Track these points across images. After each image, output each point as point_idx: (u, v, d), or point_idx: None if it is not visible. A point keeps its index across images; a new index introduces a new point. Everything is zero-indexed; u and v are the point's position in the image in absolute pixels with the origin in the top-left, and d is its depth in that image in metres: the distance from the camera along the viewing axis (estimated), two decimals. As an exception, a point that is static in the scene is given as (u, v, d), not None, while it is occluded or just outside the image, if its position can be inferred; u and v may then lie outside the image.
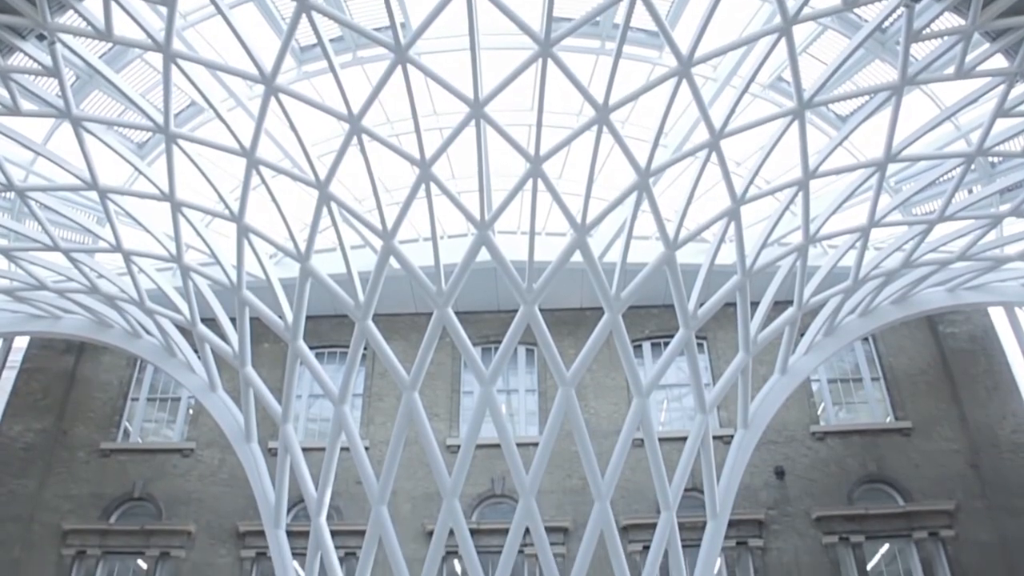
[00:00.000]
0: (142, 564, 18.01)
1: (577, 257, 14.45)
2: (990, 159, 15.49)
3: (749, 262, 14.96)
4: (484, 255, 14.52)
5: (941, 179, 15.84)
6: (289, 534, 15.60)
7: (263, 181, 14.27)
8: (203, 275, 15.88)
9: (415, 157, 13.39)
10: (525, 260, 14.47)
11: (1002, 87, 12.86)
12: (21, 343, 21.31)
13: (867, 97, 13.83)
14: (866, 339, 19.39)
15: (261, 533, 16.13)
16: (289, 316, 15.38)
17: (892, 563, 17.39)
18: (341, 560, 15.50)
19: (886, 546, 17.45)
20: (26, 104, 13.29)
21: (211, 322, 16.59)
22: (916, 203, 16.74)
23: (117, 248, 15.62)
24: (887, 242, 17.09)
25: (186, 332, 17.29)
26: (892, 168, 15.31)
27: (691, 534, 15.50)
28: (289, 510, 16.47)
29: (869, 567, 17.10)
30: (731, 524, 15.58)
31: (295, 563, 15.51)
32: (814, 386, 19.15)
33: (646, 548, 15.41)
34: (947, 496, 17.48)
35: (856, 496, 17.67)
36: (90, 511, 18.50)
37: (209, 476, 18.56)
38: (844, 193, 15.41)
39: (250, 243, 14.89)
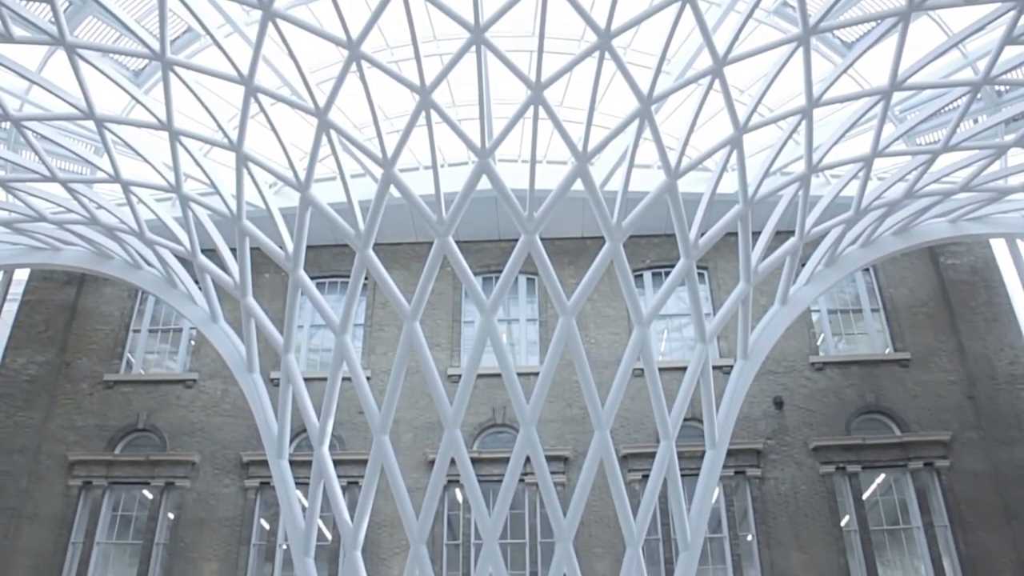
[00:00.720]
0: (148, 494, 18.27)
1: (578, 186, 14.34)
2: (997, 88, 15.25)
3: (751, 191, 14.86)
4: (485, 183, 14.41)
5: (946, 108, 15.63)
6: (292, 464, 15.77)
7: (262, 109, 14.07)
8: (203, 205, 15.78)
9: (415, 84, 13.19)
10: (526, 188, 14.34)
11: (1011, 14, 12.60)
12: (21, 276, 21.29)
13: (873, 23, 13.56)
14: (867, 270, 19.38)
15: (264, 463, 16.32)
16: (289, 246, 15.33)
17: (887, 493, 17.63)
18: (343, 489, 15.73)
19: (882, 476, 17.68)
20: (18, 31, 13.02)
21: (211, 252, 16.55)
22: (920, 133, 16.55)
23: (116, 178, 15.50)
24: (890, 172, 16.97)
25: (186, 263, 17.27)
26: (897, 97, 15.12)
27: (690, 463, 15.69)
28: (292, 440, 16.67)
29: (865, 496, 17.34)
30: (730, 454, 15.76)
31: (298, 492, 15.71)
32: (814, 317, 19.20)
33: (645, 477, 15.60)
34: (943, 427, 17.65)
35: (853, 426, 17.85)
36: (95, 442, 18.71)
37: (212, 407, 18.73)
38: (848, 122, 15.23)
39: (249, 172, 14.76)
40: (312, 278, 16.11)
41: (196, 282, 17.57)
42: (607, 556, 16.26)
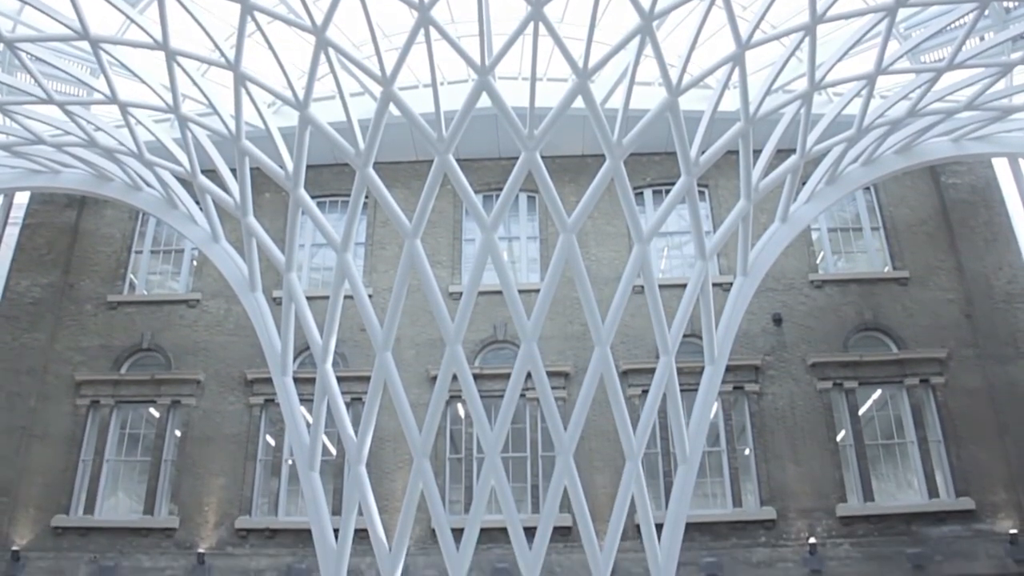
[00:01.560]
0: (154, 412, 18.56)
1: (579, 103, 14.18)
2: (1004, 4, 15.01)
3: (753, 109, 14.72)
4: (485, 101, 14.26)
5: (952, 26, 15.41)
6: (296, 381, 15.92)
7: (259, 28, 13.86)
8: (201, 125, 15.66)
9: (414, 0, 12.96)
10: (526, 106, 14.20)
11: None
12: (22, 199, 21.26)
13: (880, -65, 13.27)
14: (868, 189, 19.34)
15: (268, 380, 16.49)
16: (289, 165, 15.24)
17: (883, 408, 17.91)
18: (347, 405, 15.95)
19: (878, 392, 17.94)
20: (7, -52, 12.77)
21: (211, 173, 16.47)
22: (925, 50, 16.34)
23: (113, 99, 15.34)
24: (893, 91, 16.77)
25: (187, 183, 17.21)
26: (903, 13, 14.89)
27: (689, 379, 15.85)
28: (295, 358, 16.85)
29: (861, 412, 17.64)
30: (728, 369, 15.92)
31: (302, 409, 15.92)
32: (814, 235, 19.23)
33: (645, 392, 15.79)
34: (939, 344, 17.84)
35: (851, 343, 18.04)
36: (101, 362, 18.92)
37: (216, 326, 18.89)
38: (851, 39, 15.00)
39: (248, 92, 14.60)
40: (312, 197, 16.04)
41: (196, 203, 17.55)
42: (607, 469, 16.60)
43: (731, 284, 16.57)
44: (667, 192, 17.19)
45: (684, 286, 15.65)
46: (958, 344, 17.84)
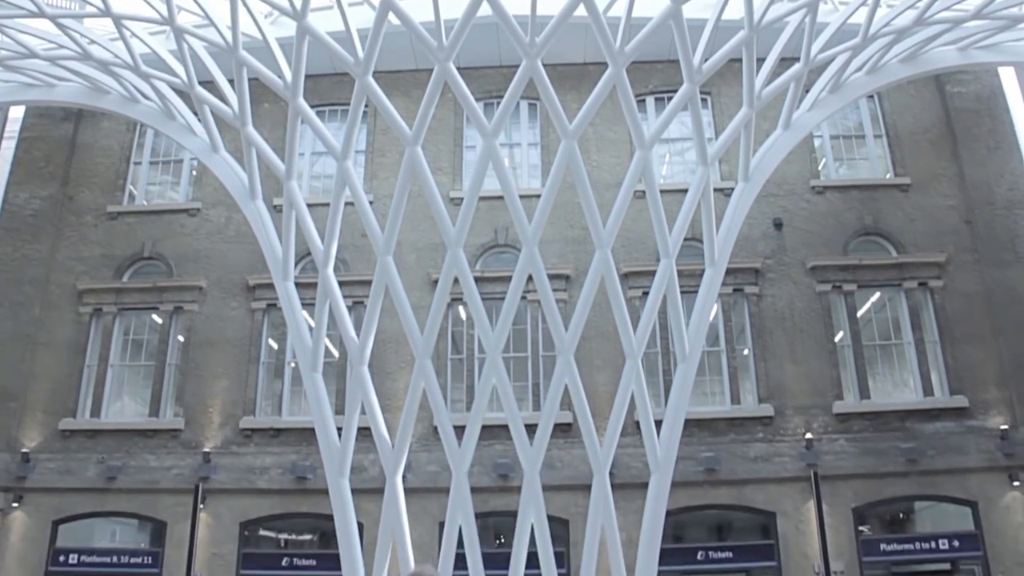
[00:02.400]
0: (157, 319, 18.73)
1: (581, 10, 13.94)
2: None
3: (757, 17, 14.47)
4: (486, 9, 14.00)
5: (961, -68, 15.12)
6: (297, 286, 15.97)
7: (254, -66, 13.60)
8: (198, 37, 15.44)
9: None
10: (527, 14, 13.96)
11: None
12: (18, 112, 21.13)
13: None
14: (871, 96, 19.18)
15: (270, 285, 16.60)
16: (288, 75, 15.07)
17: (881, 311, 18.10)
18: (349, 309, 16.05)
19: (877, 294, 18.12)
20: None
21: (209, 84, 16.28)
22: (932, -43, 16.04)
23: (106, 12, 15.10)
24: (900, -1, 16.54)
25: (184, 95, 17.04)
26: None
27: (689, 281, 15.94)
28: (296, 263, 16.86)
29: (859, 314, 17.82)
30: (728, 272, 16.00)
31: (304, 313, 16.04)
32: (816, 142, 19.17)
33: (645, 294, 15.91)
34: (939, 249, 17.95)
35: (851, 248, 18.13)
36: (103, 271, 19.02)
37: (216, 234, 18.94)
38: (859, -56, 14.74)
39: (244, 3, 14.41)
40: (312, 107, 15.90)
41: (195, 113, 17.40)
42: (607, 368, 16.82)
43: (732, 190, 16.56)
44: (669, 100, 17.02)
45: (685, 191, 15.63)
46: (957, 249, 17.95)
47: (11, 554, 17.36)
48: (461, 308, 17.75)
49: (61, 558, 17.40)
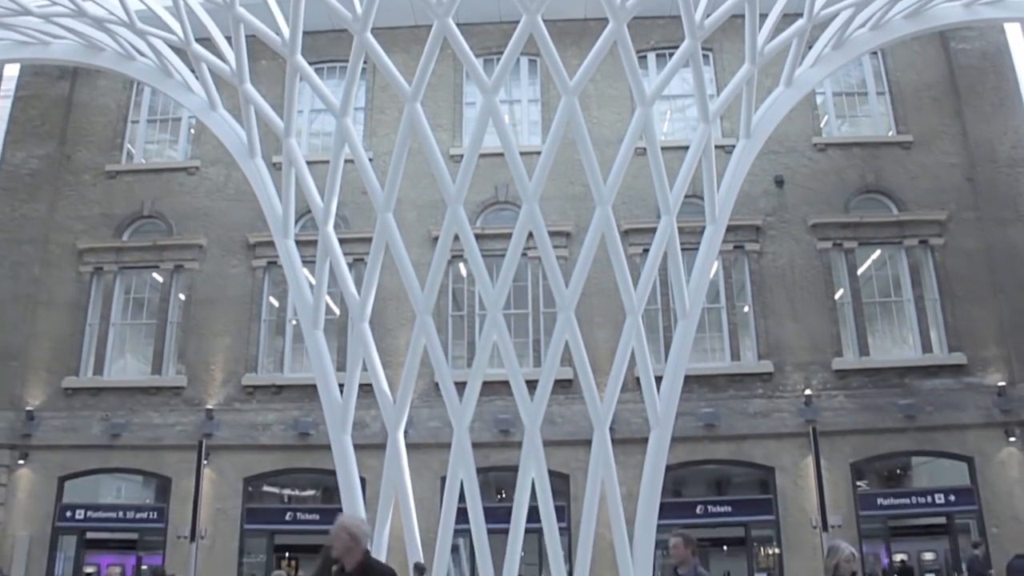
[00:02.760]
0: (158, 277, 18.75)
1: (581, -35, 13.82)
2: None
3: (759, -28, 14.34)
4: (485, -37, 13.88)
5: None
6: (298, 244, 15.94)
7: None
8: (193, -7, 15.30)
9: None
10: (528, -30, 13.83)
11: None
12: (12, 71, 20.91)
13: None
14: (874, 53, 18.97)
15: (270, 243, 16.56)
16: (286, 32, 14.92)
17: (882, 268, 18.12)
18: (349, 266, 16.00)
19: (877, 252, 18.13)
20: None
21: (206, 41, 16.12)
22: (939, -89, 15.83)
23: (101, -32, 14.93)
24: (905, -46, 16.34)
25: (181, 52, 16.86)
26: None
27: (690, 238, 15.90)
28: (296, 221, 16.79)
29: (859, 271, 17.84)
30: (729, 229, 15.96)
31: (305, 270, 16.04)
32: (818, 99, 19.05)
33: (646, 251, 15.91)
34: (940, 206, 17.92)
35: (852, 205, 18.10)
36: (102, 230, 19.00)
37: (216, 192, 18.89)
38: None
39: (241, -43, 14.23)
40: (310, 63, 15.74)
41: (192, 71, 17.25)
42: (607, 324, 16.86)
43: (733, 147, 16.47)
44: (671, 56, 16.86)
45: (686, 148, 15.56)
46: (959, 207, 17.92)
47: (18, 510, 17.56)
48: (461, 265, 17.75)
49: (68, 514, 17.61)
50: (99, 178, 19.39)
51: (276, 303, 18.29)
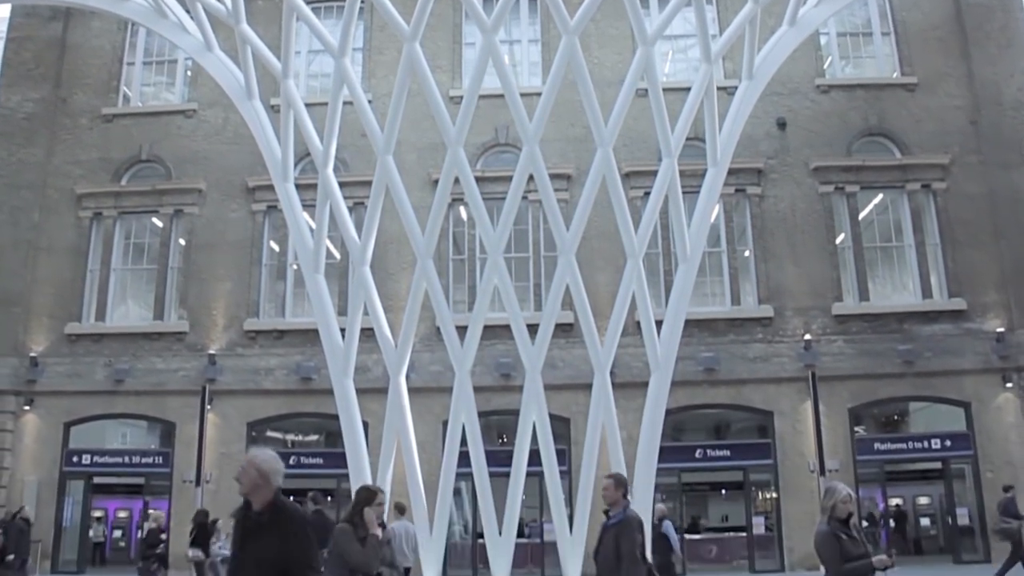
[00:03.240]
0: (157, 222, 18.70)
1: (582, -99, 13.52)
2: None
3: (764, -93, 14.03)
4: (482, -98, 13.57)
5: None
6: (297, 187, 15.79)
7: None
8: (188, -70, 14.96)
9: None
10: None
11: None
12: (3, 12, 20.64)
13: None
14: (880, -8, 18.75)
15: (270, 187, 16.40)
16: (281, -31, 14.67)
17: (883, 213, 18.04)
18: (349, 209, 15.89)
19: (879, 196, 18.03)
20: None
21: (200, -20, 15.85)
22: None
23: (88, -101, 14.59)
24: None
25: (175, -9, 16.61)
26: None
27: (691, 181, 15.82)
28: (296, 164, 16.70)
29: (861, 216, 17.76)
30: (730, 172, 15.80)
31: (305, 214, 15.95)
32: (822, 39, 18.80)
33: (647, 194, 15.85)
34: (943, 150, 17.78)
35: (855, 148, 17.97)
36: (100, 175, 18.90)
37: (214, 135, 18.74)
38: None
39: None
40: (307, 3, 15.55)
41: (187, 11, 16.94)
42: (608, 268, 16.85)
43: (735, 88, 16.22)
44: (673, -5, 16.63)
45: (688, 90, 15.33)
46: (962, 150, 17.78)
47: (26, 456, 17.74)
48: (462, 208, 17.67)
49: (74, 459, 17.79)
50: (96, 122, 19.21)
51: (276, 247, 18.26)
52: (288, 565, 3.47)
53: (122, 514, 19.22)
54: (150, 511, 16.23)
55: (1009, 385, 16.78)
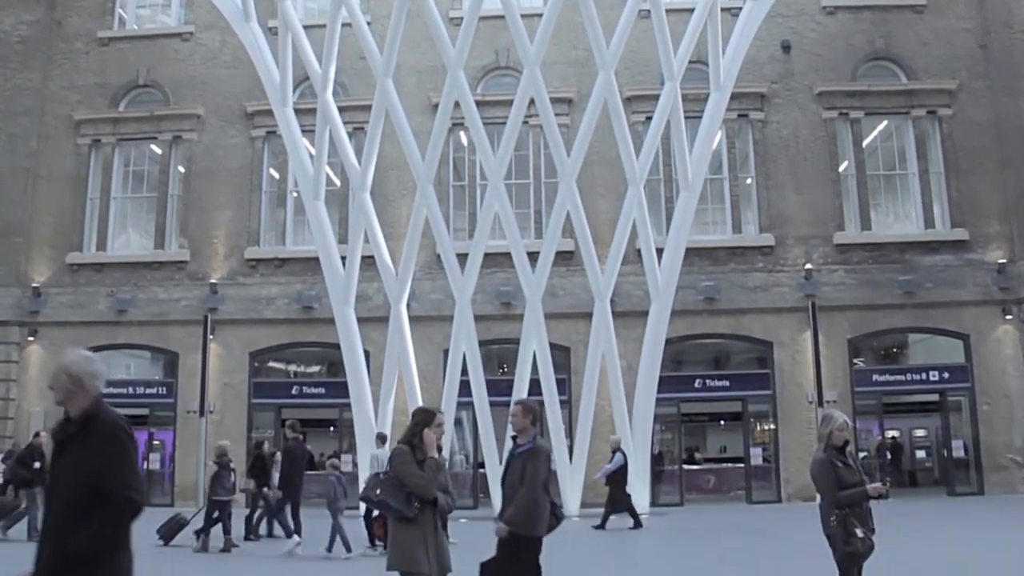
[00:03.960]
0: (156, 149, 18.55)
1: None
2: None
3: None
4: None
5: None
6: (297, 112, 15.75)
7: None
8: None
9: None
10: None
11: None
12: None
13: None
14: (890, -90, 18.23)
15: (269, 112, 16.31)
16: None
17: (887, 140, 17.85)
18: (349, 135, 15.85)
19: (884, 123, 17.81)
20: None
21: (192, -102, 15.54)
22: None
23: None
24: None
25: (167, -91, 16.28)
26: None
27: (694, 106, 15.60)
28: (295, 88, 16.49)
29: (865, 143, 17.56)
30: (733, 97, 15.68)
31: (304, 140, 15.86)
32: (828, -40, 18.35)
33: (649, 119, 15.68)
34: (951, 75, 17.49)
35: (860, 73, 17.68)
36: (98, 100, 18.70)
37: (212, 59, 18.49)
38: None
39: None
40: (303, -77, 15.25)
41: (181, -69, 16.68)
42: (609, 195, 16.72)
43: (739, 10, 15.97)
44: (677, -87, 16.29)
45: (691, 11, 15.12)
46: (970, 75, 17.48)
47: (31, 386, 17.81)
48: (462, 133, 17.44)
49: (78, 389, 17.81)
50: (91, 45, 18.93)
51: (276, 174, 18.13)
52: (101, 480, 2.99)
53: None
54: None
55: (1009, 317, 16.72)
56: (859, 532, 4.80)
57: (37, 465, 11.39)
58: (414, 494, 4.41)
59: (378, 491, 4.42)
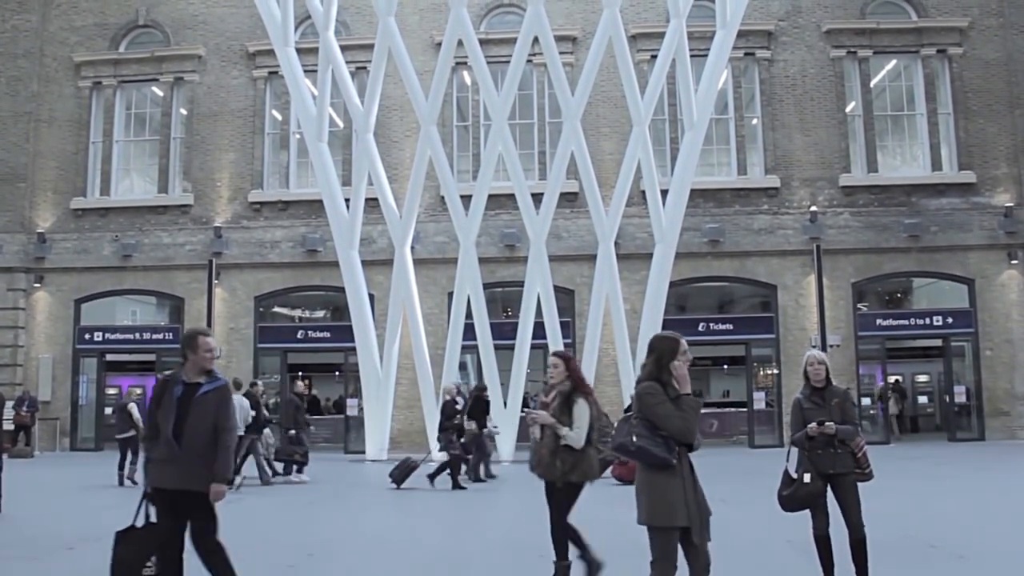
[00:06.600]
0: (158, 91, 18.41)
1: None
2: None
3: None
4: None
5: None
6: (299, 52, 15.53)
7: None
8: None
9: None
10: None
11: None
12: None
13: None
14: None
15: (271, 52, 16.10)
16: None
17: (896, 80, 17.63)
18: (352, 75, 15.67)
19: (892, 62, 17.58)
20: None
21: None
22: None
23: None
24: None
25: None
26: None
27: (700, 44, 15.38)
28: (296, 27, 16.25)
29: (873, 83, 17.34)
30: (740, 35, 15.44)
31: (307, 80, 15.71)
32: None
33: (654, 57, 15.50)
34: (962, 12, 17.20)
35: (869, 10, 17.40)
36: (98, 42, 18.51)
37: (212, -2, 18.28)
38: None
39: None
40: None
41: None
42: (614, 135, 16.60)
43: (748, -54, 15.67)
44: None
45: (699, -53, 14.90)
46: (981, 13, 17.17)
47: (39, 333, 17.90)
48: (465, 73, 17.24)
49: (86, 336, 17.95)
50: (89, -16, 18.69)
51: (279, 116, 17.99)
52: None
53: (137, 391, 19.46)
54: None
55: (1015, 262, 16.62)
56: (806, 477, 4.75)
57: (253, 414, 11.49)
58: (672, 438, 3.82)
59: (633, 438, 3.82)
